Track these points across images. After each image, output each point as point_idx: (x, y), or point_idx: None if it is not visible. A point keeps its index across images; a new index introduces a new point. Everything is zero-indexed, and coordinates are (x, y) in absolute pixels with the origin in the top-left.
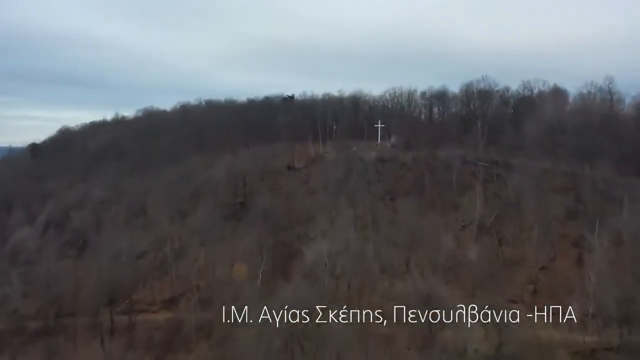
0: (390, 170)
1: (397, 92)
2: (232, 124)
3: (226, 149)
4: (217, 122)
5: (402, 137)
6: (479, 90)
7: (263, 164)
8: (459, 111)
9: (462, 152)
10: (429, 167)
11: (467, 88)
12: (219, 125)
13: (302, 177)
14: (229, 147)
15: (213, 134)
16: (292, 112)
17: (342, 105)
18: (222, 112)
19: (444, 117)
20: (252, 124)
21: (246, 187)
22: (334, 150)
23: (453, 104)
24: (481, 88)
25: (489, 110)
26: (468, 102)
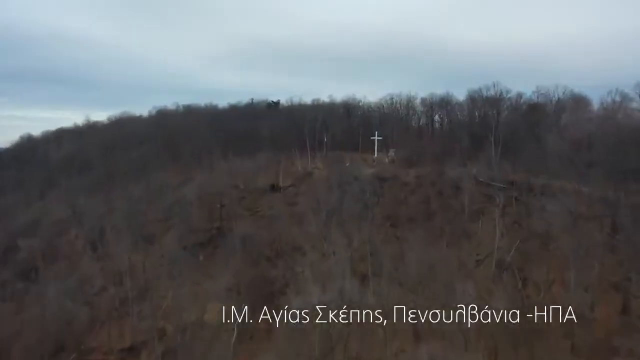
0: (391, 191)
1: (395, 99)
2: (210, 133)
3: (203, 162)
4: (193, 130)
5: (403, 151)
6: (490, 98)
7: (244, 181)
8: (467, 121)
9: (473, 170)
10: (435, 187)
11: (474, 95)
12: (196, 134)
13: (288, 198)
14: (206, 161)
15: (189, 144)
16: (277, 120)
17: (334, 112)
18: (201, 118)
19: (449, 128)
20: (233, 133)
21: (223, 210)
22: (324, 166)
23: (459, 112)
24: (491, 95)
25: (502, 120)
26: (476, 110)
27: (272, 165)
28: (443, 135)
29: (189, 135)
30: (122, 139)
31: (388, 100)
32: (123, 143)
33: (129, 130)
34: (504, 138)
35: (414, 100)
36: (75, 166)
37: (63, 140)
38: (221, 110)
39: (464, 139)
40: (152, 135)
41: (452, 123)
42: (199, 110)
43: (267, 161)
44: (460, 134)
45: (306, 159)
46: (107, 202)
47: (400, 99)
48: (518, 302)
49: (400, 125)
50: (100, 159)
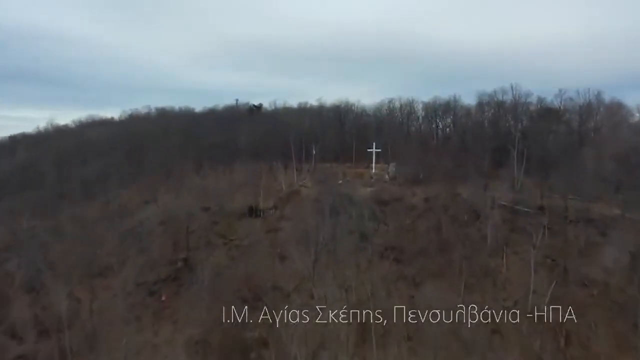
0: (394, 216)
1: (393, 104)
2: (181, 142)
3: (170, 177)
4: (162, 139)
5: (405, 166)
6: (504, 103)
7: (217, 202)
8: (480, 131)
9: (493, 191)
10: (447, 212)
11: (485, 99)
12: (165, 143)
13: (269, 224)
14: (175, 176)
15: (156, 155)
16: (258, 126)
17: (324, 118)
18: (174, 124)
19: (461, 139)
20: (208, 142)
21: (191, 237)
22: (313, 183)
23: (469, 119)
24: (508, 100)
25: (525, 130)
26: (486, 117)
27: (251, 181)
28: (453, 147)
29: (157, 144)
30: (82, 148)
31: (385, 105)
32: (82, 153)
33: (92, 137)
34: (529, 152)
35: (414, 105)
36: (26, 180)
37: (17, 148)
38: (197, 115)
39: (479, 152)
40: (116, 143)
41: (463, 132)
42: (173, 114)
43: (246, 177)
44: (474, 146)
45: (291, 174)
46: (56, 226)
47: (400, 104)
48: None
49: (401, 134)
50: (54, 172)
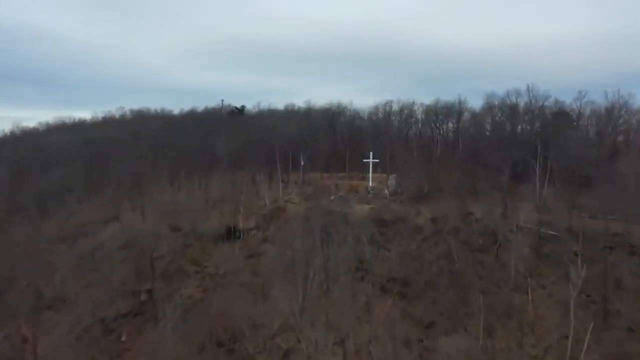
0: (397, 240)
1: (390, 106)
2: (153, 149)
3: (137, 191)
4: (132, 145)
5: (407, 179)
6: (523, 107)
7: (190, 221)
8: (493, 137)
9: (512, 210)
10: (459, 236)
11: (499, 103)
12: (135, 150)
13: (249, 247)
14: (143, 189)
15: (123, 164)
16: (241, 131)
17: (313, 122)
18: (144, 129)
19: (467, 146)
20: (183, 149)
21: (158, 264)
22: (301, 198)
23: (476, 124)
24: (523, 103)
25: (546, 137)
26: (492, 121)
27: (230, 196)
28: (460, 157)
29: (124, 151)
30: (43, 155)
31: (382, 107)
32: (42, 160)
33: (56, 142)
34: (552, 163)
35: (414, 108)
36: None
37: None
38: (175, 118)
39: (493, 162)
40: (79, 150)
41: (472, 139)
42: (148, 116)
43: (224, 190)
44: (486, 156)
45: (276, 187)
46: (3, 247)
47: (400, 105)
48: None
49: (400, 141)
50: (8, 182)
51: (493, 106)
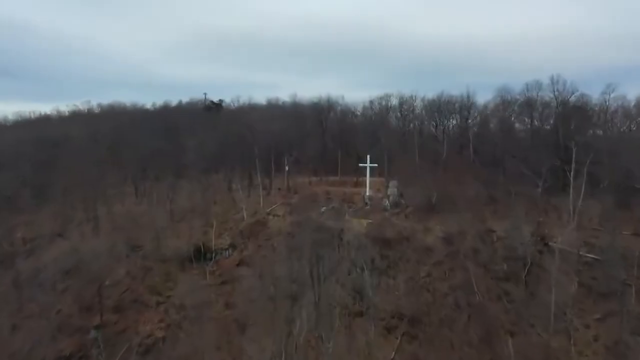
0: (402, 264)
1: (388, 100)
2: (115, 150)
3: (92, 201)
4: (91, 145)
5: (411, 186)
6: (546, 102)
7: (152, 239)
8: (511, 137)
9: (543, 227)
10: (478, 259)
11: (517, 98)
12: (95, 151)
13: (223, 272)
14: (96, 198)
15: (78, 167)
16: (217, 129)
17: (300, 118)
18: (114, 124)
19: (482, 148)
20: (149, 149)
21: (112, 293)
22: (285, 209)
23: (490, 122)
24: (546, 97)
25: (578, 136)
26: (504, 118)
27: (200, 207)
28: (473, 160)
29: (81, 152)
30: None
31: (377, 102)
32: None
33: (7, 141)
34: (590, 169)
35: (414, 102)
36: None
37: None
38: (147, 113)
39: (515, 168)
40: (29, 151)
41: (483, 139)
42: (117, 111)
43: (193, 199)
44: (505, 160)
45: (256, 195)
46: None
47: (399, 100)
48: None
49: (401, 140)
50: None
51: (507, 101)
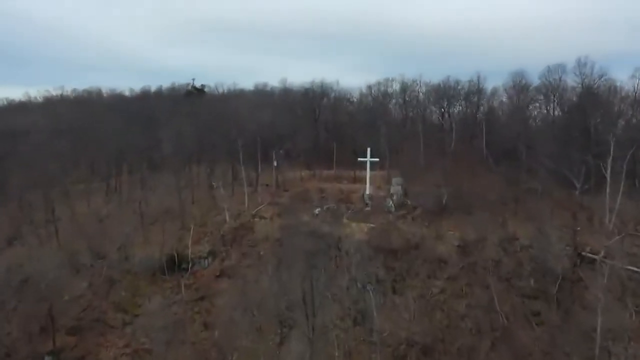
0: (411, 278)
1: (390, 84)
2: (78, 142)
3: (49, 202)
4: (53, 136)
5: (418, 184)
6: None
7: (119, 247)
8: (532, 127)
9: (577, 235)
10: (500, 272)
11: (538, 84)
12: (57, 142)
13: (200, 287)
14: (52, 200)
15: (35, 163)
16: (197, 117)
17: (290, 104)
18: (88, 111)
19: (499, 140)
20: (126, 138)
21: (69, 311)
22: (274, 210)
23: (505, 110)
24: (571, 83)
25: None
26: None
27: (175, 208)
28: (487, 156)
29: (40, 145)
30: None
31: (377, 87)
32: None
33: None
34: (630, 167)
35: (416, 88)
36: None
37: None
38: (125, 100)
39: (541, 164)
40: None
41: (499, 128)
42: (93, 98)
43: (168, 199)
44: (525, 153)
45: (240, 194)
46: None
47: (401, 84)
48: None
49: (402, 130)
50: None
51: (523, 86)
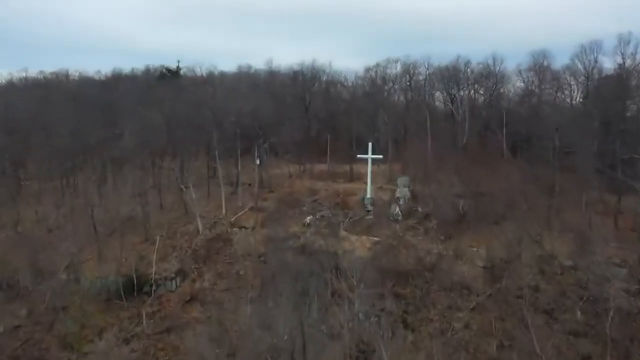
0: (426, 309)
1: (389, 67)
2: (27, 133)
3: None
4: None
5: (426, 185)
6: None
7: (67, 264)
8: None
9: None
10: (539, 303)
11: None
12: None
13: (167, 314)
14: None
15: None
16: (169, 104)
17: (276, 91)
18: (45, 97)
19: (514, 129)
20: (86, 129)
21: (3, 342)
22: (256, 218)
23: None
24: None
25: None
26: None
27: (138, 215)
28: (514, 153)
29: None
30: None
31: (375, 70)
32: None
33: None
34: None
35: (425, 70)
36: None
37: None
38: (93, 84)
39: (579, 160)
40: None
41: (526, 118)
42: (50, 84)
43: (129, 204)
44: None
45: (217, 197)
46: None
47: (405, 65)
48: None
49: (404, 120)
50: None
51: (547, 68)
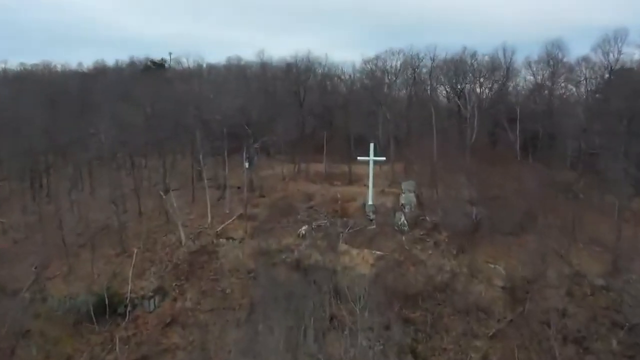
0: (439, 338)
1: (389, 59)
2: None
3: None
4: None
5: (432, 189)
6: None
7: (31, 281)
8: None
9: None
10: (568, 332)
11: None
12: None
13: (143, 340)
14: None
15: None
16: (151, 100)
17: (268, 85)
18: (19, 91)
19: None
20: (61, 126)
21: None
22: (245, 228)
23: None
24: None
25: None
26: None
27: (113, 225)
28: (531, 155)
29: None
30: None
31: (374, 63)
32: None
33: None
34: None
35: (431, 62)
36: None
37: None
38: (71, 77)
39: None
40: None
41: (540, 114)
42: (24, 76)
43: (103, 214)
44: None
45: (203, 201)
46: None
47: (406, 56)
48: None
49: (406, 116)
50: None
51: (562, 61)
